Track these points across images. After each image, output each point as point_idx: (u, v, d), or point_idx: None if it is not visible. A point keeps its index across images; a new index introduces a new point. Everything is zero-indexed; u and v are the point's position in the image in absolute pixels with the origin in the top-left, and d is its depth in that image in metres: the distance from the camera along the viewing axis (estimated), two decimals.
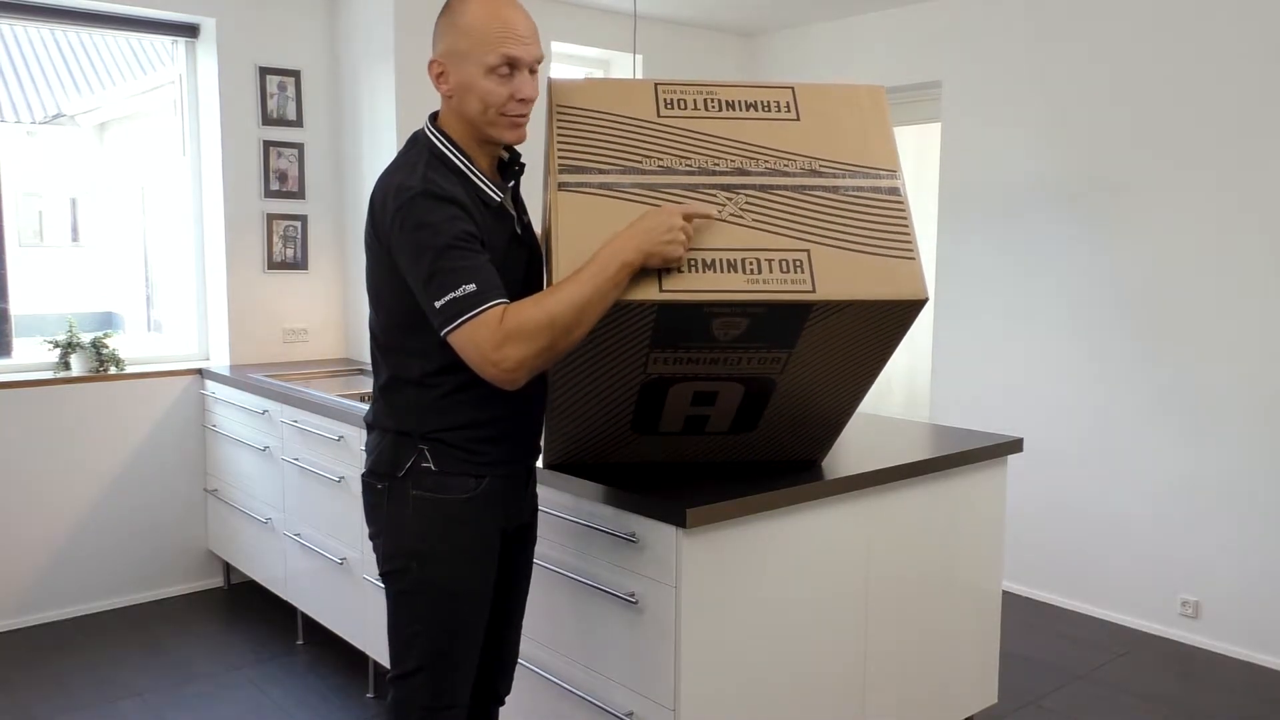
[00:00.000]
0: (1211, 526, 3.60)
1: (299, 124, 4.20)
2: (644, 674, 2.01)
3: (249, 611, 3.94)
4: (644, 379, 1.93)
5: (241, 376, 3.81)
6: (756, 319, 1.80)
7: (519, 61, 1.72)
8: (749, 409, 2.06)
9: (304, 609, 3.52)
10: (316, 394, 3.38)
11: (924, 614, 2.47)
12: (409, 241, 1.66)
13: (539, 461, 2.09)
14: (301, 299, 4.29)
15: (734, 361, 1.91)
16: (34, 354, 3.92)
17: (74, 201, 6.73)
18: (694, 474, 2.14)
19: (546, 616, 2.24)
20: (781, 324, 1.82)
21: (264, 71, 4.10)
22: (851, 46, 4.76)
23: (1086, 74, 3.87)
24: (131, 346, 4.20)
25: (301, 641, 3.63)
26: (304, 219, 4.24)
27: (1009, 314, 4.18)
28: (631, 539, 2.00)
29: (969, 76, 4.27)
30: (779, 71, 5.13)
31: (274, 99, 4.13)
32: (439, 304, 1.62)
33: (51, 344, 3.89)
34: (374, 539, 1.86)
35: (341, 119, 4.28)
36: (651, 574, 1.97)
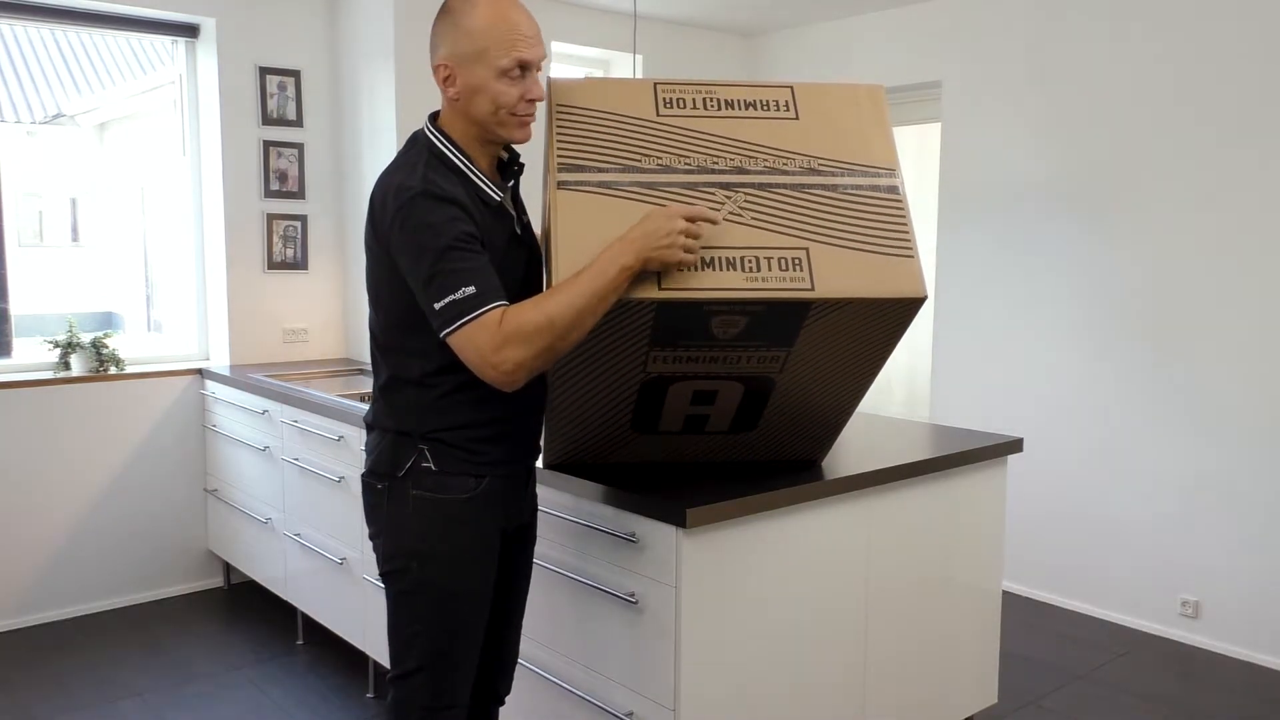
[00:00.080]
0: (1211, 526, 3.59)
1: (299, 124, 4.20)
2: (644, 674, 2.01)
3: (249, 611, 3.94)
4: (643, 378, 1.93)
5: (241, 376, 3.81)
6: (755, 317, 1.80)
7: (530, 63, 1.74)
8: (749, 408, 2.06)
9: (304, 609, 3.52)
10: (316, 394, 3.38)
11: (924, 614, 2.47)
12: (409, 242, 1.66)
13: (539, 461, 2.09)
14: (301, 299, 4.29)
15: (733, 360, 1.91)
16: (34, 354, 3.92)
17: (74, 201, 6.73)
18: (694, 474, 2.14)
19: (546, 616, 2.24)
20: (780, 322, 1.82)
21: (264, 71, 4.10)
22: (851, 46, 4.76)
23: (1086, 74, 3.87)
24: (131, 346, 4.20)
25: (301, 641, 3.63)
26: (304, 219, 4.24)
27: (1009, 314, 4.18)
28: (631, 539, 2.00)
29: (969, 76, 4.27)
30: (779, 71, 5.13)
31: (274, 99, 4.13)
32: (439, 306, 1.63)
33: (51, 344, 3.89)
34: (374, 539, 1.86)
35: (341, 119, 4.28)
36: (651, 574, 1.97)
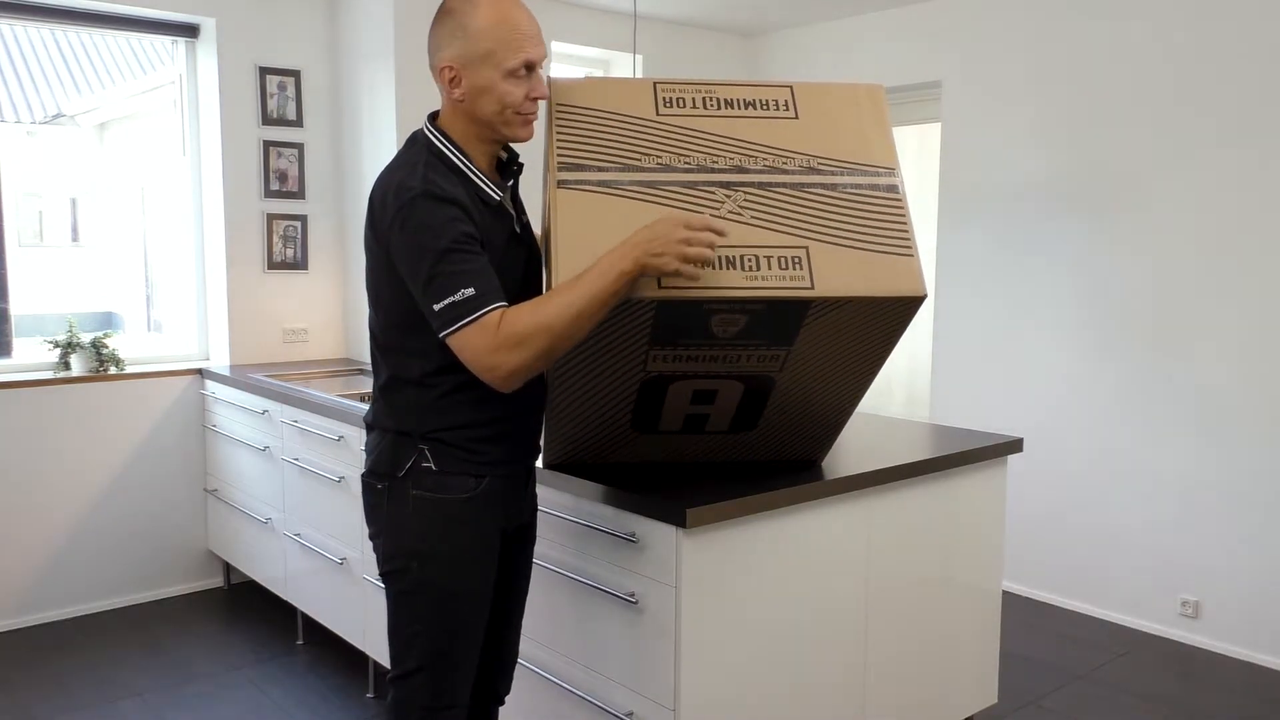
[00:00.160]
0: (1211, 527, 3.59)
1: (299, 124, 4.20)
2: (644, 674, 2.01)
3: (249, 611, 3.94)
4: (643, 377, 1.93)
5: (241, 376, 3.81)
6: (755, 316, 1.80)
7: (535, 63, 1.75)
8: (748, 408, 2.06)
9: (304, 609, 3.52)
10: (316, 394, 3.38)
11: (924, 614, 2.47)
12: (409, 243, 1.66)
13: (539, 461, 2.09)
14: (301, 299, 4.28)
15: (733, 359, 1.91)
16: (34, 354, 3.92)
17: (74, 201, 6.73)
18: (694, 474, 2.14)
19: (546, 616, 2.24)
20: (780, 321, 1.82)
21: (264, 71, 4.10)
22: (851, 46, 4.76)
23: (1086, 74, 3.87)
24: (131, 346, 4.20)
25: (301, 641, 3.63)
26: (304, 219, 4.24)
27: (1009, 314, 4.18)
28: (631, 539, 2.00)
29: (969, 76, 4.27)
30: (779, 71, 5.13)
31: (274, 99, 4.13)
32: (438, 307, 1.63)
33: (51, 344, 3.89)
34: (374, 539, 1.86)
35: (341, 119, 4.28)
36: (651, 574, 1.97)
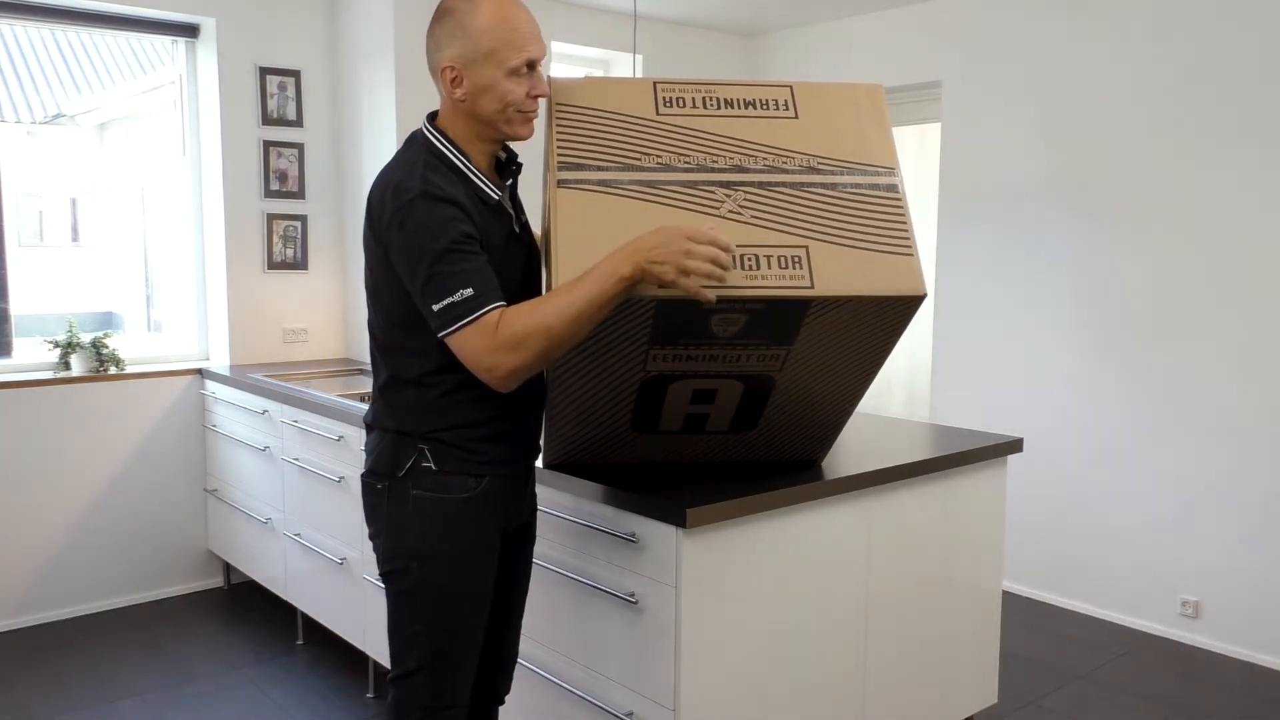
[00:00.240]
0: (1211, 526, 3.59)
1: (299, 124, 4.20)
2: (644, 674, 2.01)
3: (249, 611, 3.94)
4: (643, 376, 1.93)
5: (241, 376, 3.81)
6: (755, 315, 1.80)
7: (536, 61, 1.76)
8: (748, 407, 2.06)
9: (304, 609, 3.52)
10: (316, 394, 3.38)
11: (924, 614, 2.47)
12: (407, 243, 1.67)
13: (539, 461, 2.09)
14: (301, 299, 4.28)
15: (733, 359, 1.91)
16: (34, 354, 3.92)
17: (74, 201, 6.73)
18: (694, 474, 2.14)
19: (546, 616, 2.24)
20: (780, 320, 1.82)
21: (264, 71, 4.10)
22: (851, 46, 4.76)
23: (1086, 74, 3.87)
24: (131, 346, 4.20)
25: (301, 641, 3.62)
26: (304, 219, 4.24)
27: (1009, 314, 4.18)
28: (631, 539, 2.00)
29: (969, 76, 4.27)
30: (779, 71, 5.13)
31: (274, 99, 4.13)
32: (436, 307, 1.64)
33: (51, 344, 3.89)
34: (374, 539, 1.86)
35: (341, 119, 4.28)
36: (651, 574, 1.97)
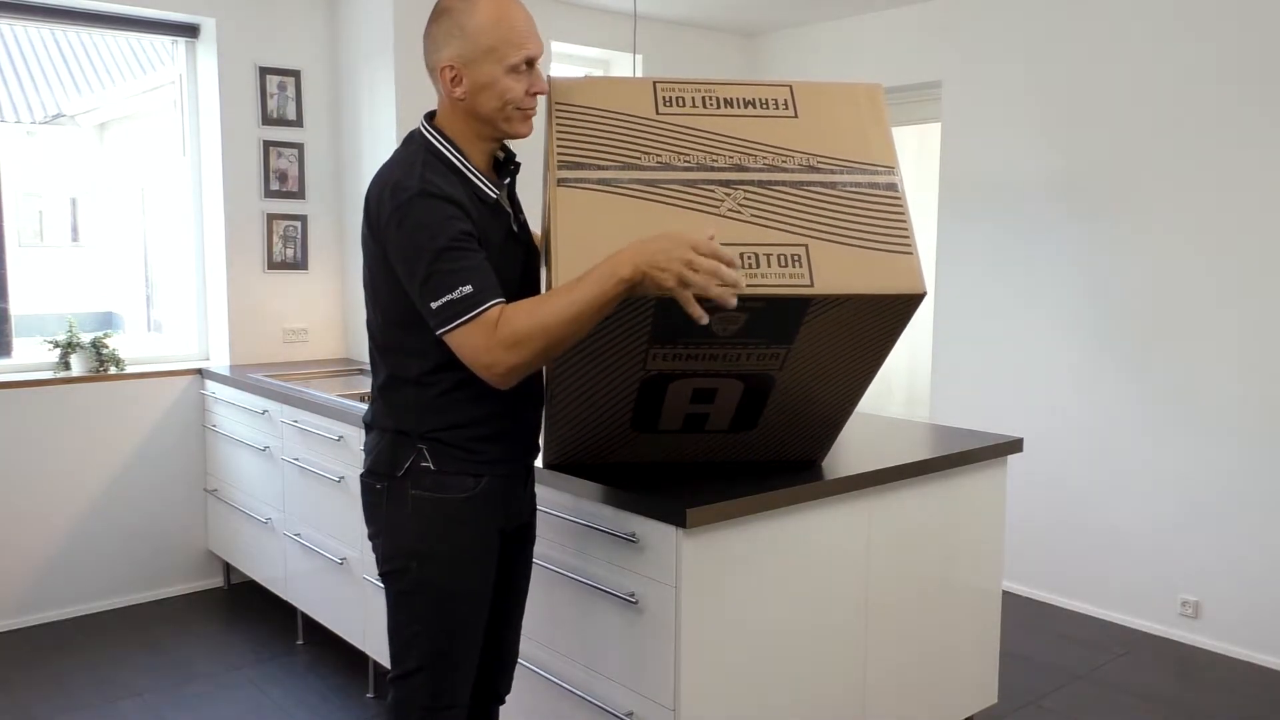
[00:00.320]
0: (1211, 527, 3.59)
1: (299, 124, 4.20)
2: (644, 674, 2.00)
3: (249, 611, 3.94)
4: (643, 375, 1.93)
5: (241, 376, 3.81)
6: (755, 314, 1.80)
7: (535, 58, 1.76)
8: (748, 407, 2.06)
9: (304, 609, 3.51)
10: (316, 394, 3.38)
11: (924, 614, 2.47)
12: (406, 242, 1.66)
13: (538, 461, 2.09)
14: (301, 299, 4.28)
15: (733, 358, 1.91)
16: (34, 354, 3.92)
17: (74, 201, 6.73)
18: (694, 474, 2.14)
19: (546, 616, 2.24)
20: (780, 319, 1.82)
21: (264, 71, 4.10)
22: (851, 46, 4.76)
23: (1086, 74, 3.87)
24: (131, 346, 4.20)
25: (301, 641, 3.62)
26: (304, 219, 4.24)
27: (1009, 314, 4.18)
28: (631, 539, 2.00)
29: (969, 76, 4.27)
30: (779, 71, 5.13)
31: (274, 99, 4.13)
32: (435, 305, 1.64)
33: (51, 344, 3.89)
34: (373, 539, 1.86)
35: (341, 119, 4.28)
36: (651, 574, 1.97)
